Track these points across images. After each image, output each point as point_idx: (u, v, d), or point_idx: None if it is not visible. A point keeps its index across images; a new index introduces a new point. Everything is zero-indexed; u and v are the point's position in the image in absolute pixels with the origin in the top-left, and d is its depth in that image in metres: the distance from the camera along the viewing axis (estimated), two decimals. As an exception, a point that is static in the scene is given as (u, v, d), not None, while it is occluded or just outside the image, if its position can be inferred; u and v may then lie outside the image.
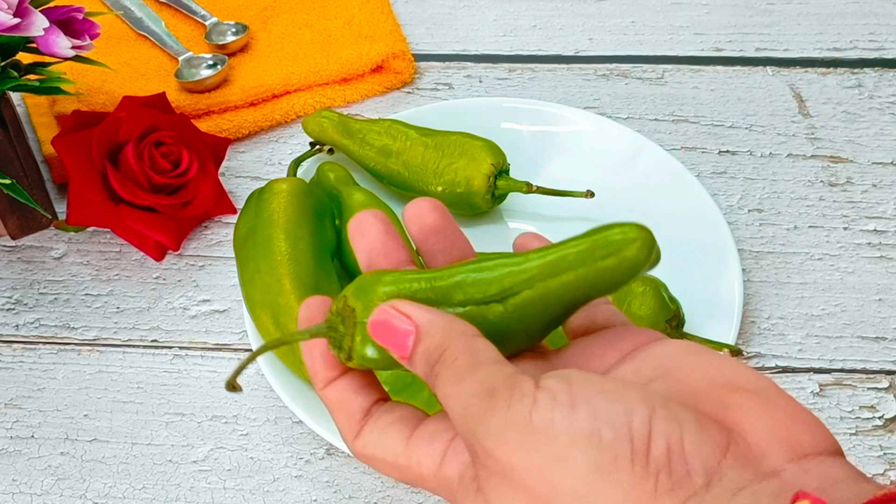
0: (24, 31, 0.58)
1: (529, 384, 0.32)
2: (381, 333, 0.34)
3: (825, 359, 0.63)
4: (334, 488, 0.58)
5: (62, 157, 0.67)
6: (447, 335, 0.33)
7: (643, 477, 0.30)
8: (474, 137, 0.67)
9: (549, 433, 0.30)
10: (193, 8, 0.84)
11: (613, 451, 0.30)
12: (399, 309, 0.34)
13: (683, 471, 0.30)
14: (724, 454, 0.31)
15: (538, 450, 0.30)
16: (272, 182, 0.63)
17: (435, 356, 0.33)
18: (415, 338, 0.34)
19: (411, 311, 0.34)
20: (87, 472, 0.59)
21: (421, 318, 0.34)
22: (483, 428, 0.31)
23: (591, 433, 0.30)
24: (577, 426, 0.30)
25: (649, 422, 0.30)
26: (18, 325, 0.66)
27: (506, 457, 0.31)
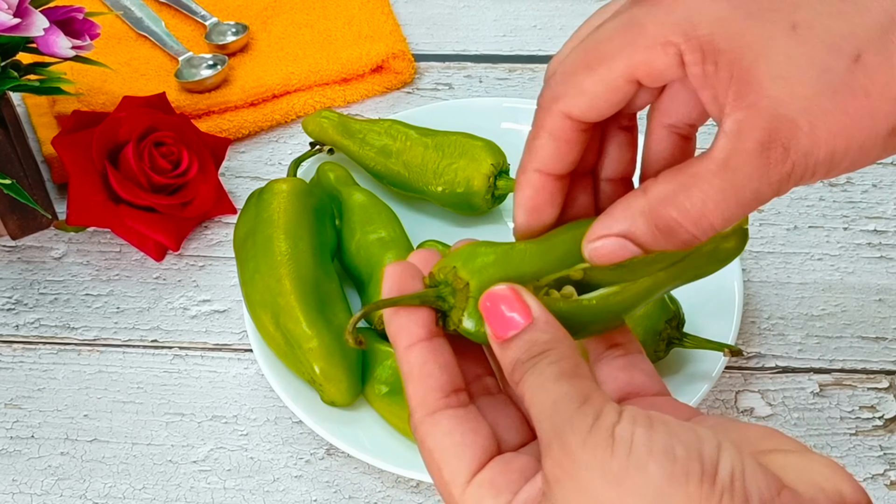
0: (24, 31, 0.58)
1: (617, 406, 0.34)
2: (490, 308, 0.36)
3: (825, 359, 0.63)
4: (334, 488, 0.58)
5: (62, 157, 0.67)
6: (558, 338, 0.35)
7: (709, 494, 0.31)
8: (474, 137, 0.67)
9: (627, 445, 0.32)
10: (193, 8, 0.84)
11: (685, 466, 0.31)
12: (520, 295, 0.36)
13: (742, 497, 0.32)
14: (780, 493, 0.32)
15: (616, 458, 0.32)
16: (272, 182, 0.63)
17: (538, 349, 0.35)
18: (524, 325, 0.35)
19: (531, 303, 0.36)
20: (87, 472, 0.59)
21: (539, 314, 0.36)
22: (570, 426, 0.33)
23: (667, 449, 0.32)
24: (655, 441, 0.32)
25: (718, 450, 0.32)
26: (18, 325, 0.66)
27: (585, 458, 0.32)
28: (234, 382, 0.63)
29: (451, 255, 0.38)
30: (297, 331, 0.57)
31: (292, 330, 0.57)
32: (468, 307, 0.37)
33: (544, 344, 0.35)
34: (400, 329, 0.37)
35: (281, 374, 0.59)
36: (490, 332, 0.36)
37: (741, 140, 0.35)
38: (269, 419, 0.61)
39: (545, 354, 0.35)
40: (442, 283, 0.37)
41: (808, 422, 0.60)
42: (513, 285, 0.36)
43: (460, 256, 0.37)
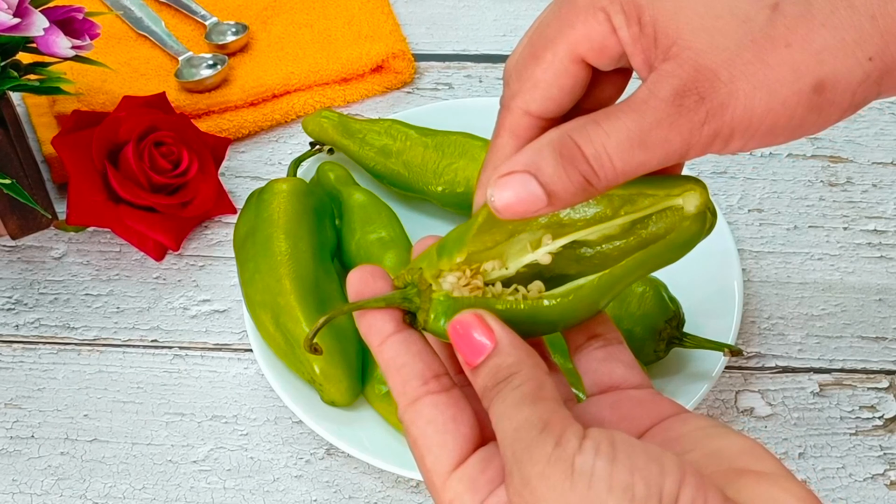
0: (24, 31, 0.58)
1: (579, 430, 0.33)
2: (459, 338, 0.36)
3: (825, 359, 0.63)
4: (334, 488, 0.58)
5: (62, 157, 0.67)
6: (521, 361, 0.35)
7: None
8: (474, 137, 0.67)
9: (587, 478, 0.31)
10: (193, 8, 0.84)
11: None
12: (485, 320, 0.36)
13: None
14: None
15: (575, 491, 0.31)
16: (272, 182, 0.63)
17: (503, 374, 0.35)
18: (490, 351, 0.35)
19: (495, 326, 0.36)
20: (87, 472, 0.59)
21: (502, 337, 0.35)
22: (528, 456, 0.32)
23: (627, 486, 0.31)
24: (615, 477, 0.31)
25: (679, 487, 0.32)
26: (18, 325, 0.66)
27: (543, 490, 0.32)
28: (234, 382, 0.63)
29: (419, 256, 0.38)
30: (297, 331, 0.57)
31: (292, 330, 0.57)
32: (432, 307, 0.37)
33: (508, 368, 0.35)
34: (369, 328, 0.37)
35: (281, 374, 0.59)
36: (461, 361, 0.36)
37: (657, 87, 0.34)
38: (269, 419, 0.61)
39: (508, 380, 0.34)
40: (409, 285, 0.37)
41: (808, 422, 0.60)
42: (477, 311, 0.36)
43: (426, 257, 0.38)
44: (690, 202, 0.37)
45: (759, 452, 0.35)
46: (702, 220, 0.37)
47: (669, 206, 0.37)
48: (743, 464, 0.35)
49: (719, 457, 0.35)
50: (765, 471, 0.34)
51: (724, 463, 0.35)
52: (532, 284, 0.38)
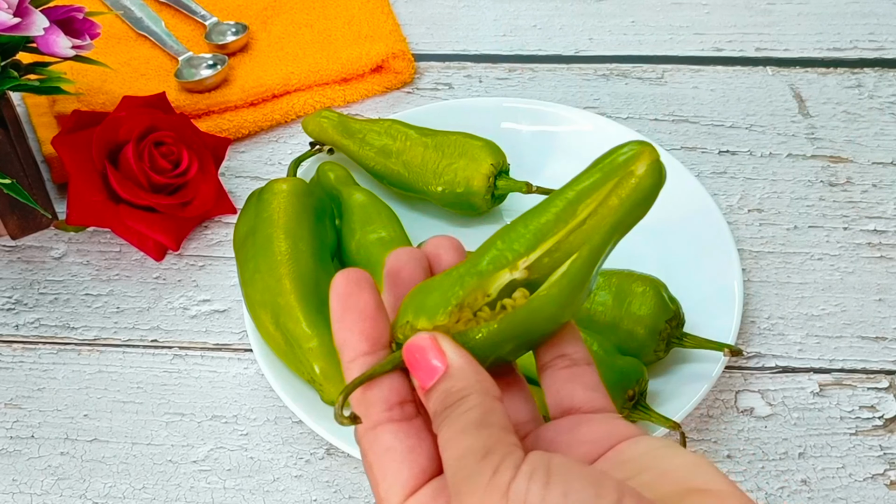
0: (24, 30, 0.58)
1: (518, 456, 0.33)
2: (413, 360, 0.36)
3: (825, 359, 0.63)
4: (334, 488, 0.58)
5: (62, 157, 0.67)
6: (471, 385, 0.35)
7: None
8: (474, 137, 0.67)
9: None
10: (193, 8, 0.84)
11: None
12: (438, 343, 0.36)
13: None
14: None
15: None
16: (272, 182, 0.63)
17: (452, 399, 0.35)
18: (440, 375, 0.35)
19: (448, 350, 0.36)
20: (87, 472, 0.59)
21: (454, 360, 0.35)
22: (467, 486, 0.33)
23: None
24: (548, 501, 0.31)
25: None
26: (18, 325, 0.66)
27: None
28: (234, 382, 0.63)
29: (402, 310, 0.37)
30: (297, 331, 0.57)
31: (292, 330, 0.57)
32: None
33: (457, 393, 0.35)
34: (343, 343, 0.37)
35: (281, 374, 0.59)
36: (416, 385, 0.36)
37: None
38: (269, 419, 0.61)
39: (456, 405, 0.35)
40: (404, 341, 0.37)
41: (808, 422, 0.60)
42: (433, 333, 0.36)
43: (410, 308, 0.37)
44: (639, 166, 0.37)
45: (707, 469, 0.35)
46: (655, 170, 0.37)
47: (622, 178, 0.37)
48: (691, 483, 0.35)
49: (669, 476, 0.35)
50: (712, 489, 0.34)
51: (674, 483, 0.35)
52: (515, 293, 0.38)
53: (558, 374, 0.40)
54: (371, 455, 0.36)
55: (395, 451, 0.36)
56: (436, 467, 0.36)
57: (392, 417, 0.36)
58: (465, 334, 0.37)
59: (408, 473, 0.36)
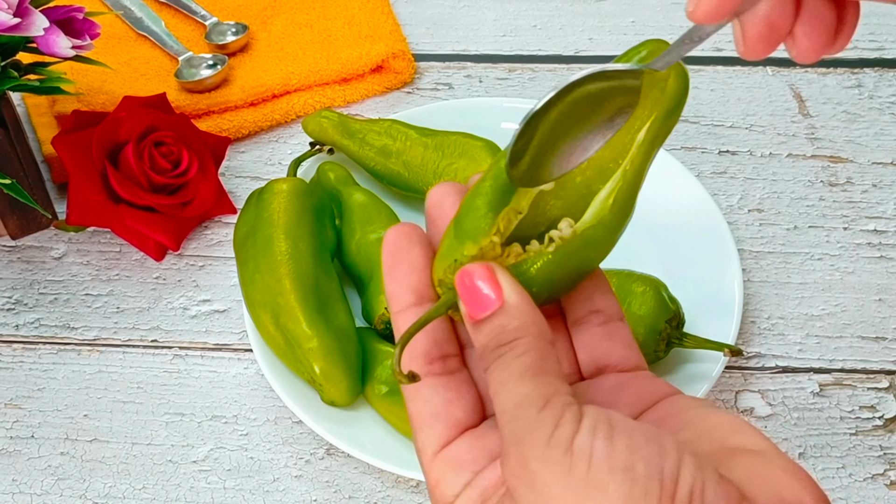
0: (24, 30, 0.58)
1: (577, 410, 0.33)
2: (465, 287, 0.35)
3: (825, 359, 0.63)
4: (334, 488, 0.58)
5: (62, 157, 0.67)
6: (528, 325, 0.34)
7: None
8: (474, 137, 0.67)
9: (587, 460, 0.31)
10: (193, 8, 0.84)
11: (645, 486, 0.31)
12: (494, 274, 0.35)
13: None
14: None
15: (575, 474, 0.31)
16: (272, 182, 0.63)
17: (506, 338, 0.34)
18: (494, 309, 0.34)
19: (504, 283, 0.35)
20: (87, 472, 0.59)
21: (510, 296, 0.35)
22: (528, 437, 0.32)
23: (627, 466, 0.31)
24: (615, 458, 0.31)
25: (678, 465, 0.32)
26: (18, 325, 0.66)
27: (542, 473, 0.32)
28: (234, 382, 0.63)
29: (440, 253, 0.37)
30: (297, 331, 0.57)
31: (292, 330, 0.57)
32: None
33: (513, 332, 0.34)
34: (392, 295, 0.37)
35: (281, 374, 0.59)
36: (464, 312, 0.35)
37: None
38: (269, 419, 0.61)
39: (511, 345, 0.34)
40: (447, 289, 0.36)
41: (808, 422, 0.60)
42: (489, 263, 0.35)
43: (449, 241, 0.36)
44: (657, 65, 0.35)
45: (749, 430, 0.35)
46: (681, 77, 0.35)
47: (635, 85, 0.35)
48: (734, 442, 0.35)
49: (711, 435, 0.35)
50: (756, 448, 0.34)
51: (715, 441, 0.35)
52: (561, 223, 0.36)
53: (593, 332, 0.39)
54: (411, 406, 0.37)
55: (433, 403, 0.36)
56: (471, 420, 0.36)
57: (432, 371, 0.36)
58: (518, 267, 0.36)
59: (442, 426, 0.36)
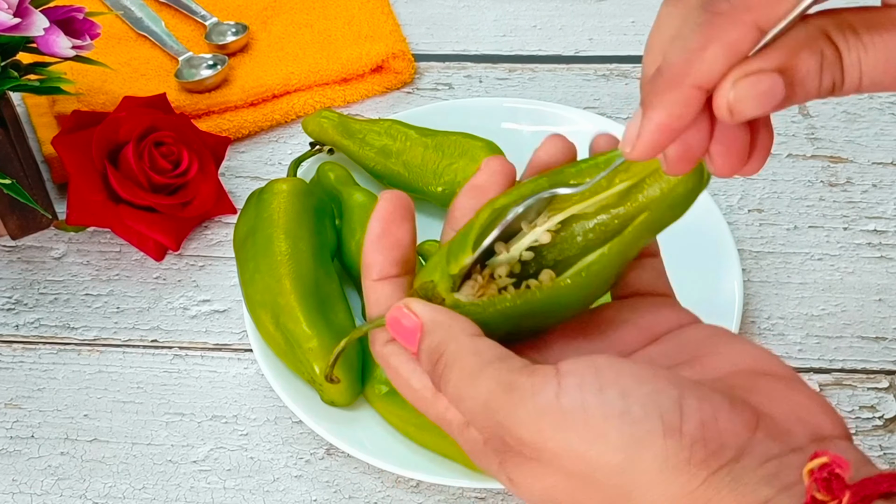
0: (24, 31, 0.58)
1: (550, 371, 0.33)
2: (395, 329, 0.36)
3: (825, 359, 0.63)
4: (334, 488, 0.58)
5: (62, 157, 0.67)
6: (447, 333, 0.35)
7: (677, 448, 0.31)
8: (474, 138, 0.67)
9: (581, 414, 0.31)
10: (193, 8, 0.84)
11: (645, 426, 0.31)
12: (409, 307, 0.36)
13: (717, 444, 0.31)
14: (754, 431, 0.32)
15: (573, 431, 0.31)
16: (272, 182, 0.63)
17: (435, 356, 0.35)
18: (420, 335, 0.35)
19: (418, 308, 0.36)
20: (87, 472, 0.59)
21: (425, 315, 0.36)
22: (512, 419, 0.32)
23: (623, 411, 0.31)
24: (608, 406, 0.31)
25: (679, 401, 0.32)
26: (18, 325, 0.66)
27: (542, 442, 0.32)
28: (234, 382, 0.63)
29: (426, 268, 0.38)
30: (297, 331, 0.57)
31: (292, 330, 0.57)
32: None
33: (438, 346, 0.35)
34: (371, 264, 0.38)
35: (281, 374, 0.59)
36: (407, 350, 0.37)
37: None
38: (269, 419, 0.61)
39: (443, 361, 0.35)
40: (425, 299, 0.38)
41: (808, 422, 0.60)
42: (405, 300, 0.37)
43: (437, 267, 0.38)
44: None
45: (773, 359, 0.36)
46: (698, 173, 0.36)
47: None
48: (757, 366, 0.35)
49: (735, 358, 0.35)
50: (780, 374, 0.35)
51: (739, 364, 0.35)
52: (542, 274, 0.38)
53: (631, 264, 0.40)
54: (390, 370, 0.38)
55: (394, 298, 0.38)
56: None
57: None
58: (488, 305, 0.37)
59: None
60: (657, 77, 0.32)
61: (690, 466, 0.31)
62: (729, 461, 0.31)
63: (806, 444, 0.33)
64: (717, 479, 0.31)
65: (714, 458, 0.31)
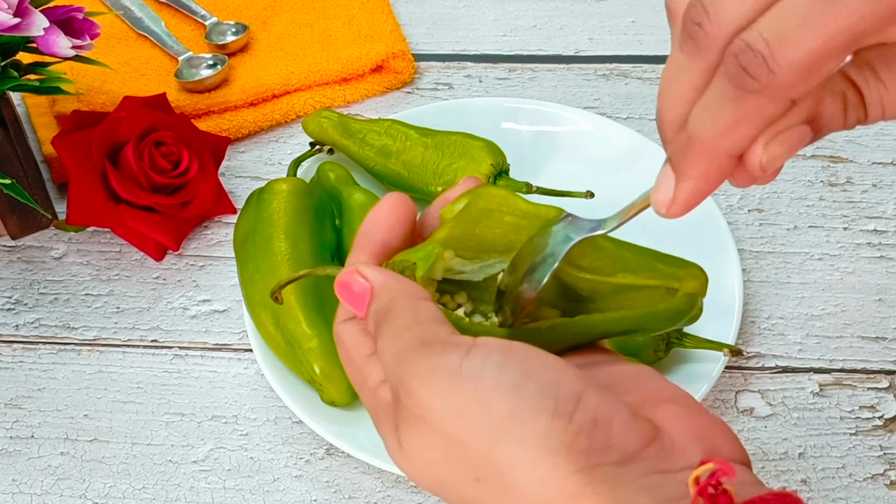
0: (24, 30, 0.58)
1: (467, 341, 0.33)
2: (344, 295, 0.37)
3: (825, 359, 0.63)
4: (334, 488, 0.58)
5: (62, 157, 0.67)
6: (395, 296, 0.36)
7: (560, 431, 0.31)
8: (474, 137, 0.67)
9: (475, 380, 0.32)
10: (193, 8, 0.84)
11: (535, 403, 0.31)
12: (360, 271, 0.37)
13: (604, 443, 0.31)
14: (649, 444, 0.32)
15: (460, 392, 0.32)
16: (272, 182, 0.63)
17: (382, 314, 0.36)
18: (369, 298, 0.36)
19: (369, 273, 0.37)
20: (87, 472, 0.59)
21: (376, 279, 0.37)
22: (411, 371, 0.33)
23: (516, 385, 0.31)
24: (504, 378, 0.32)
25: (579, 394, 0.32)
26: (18, 325, 0.66)
27: (428, 397, 0.32)
28: (234, 382, 0.63)
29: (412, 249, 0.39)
30: (297, 331, 0.57)
31: (292, 330, 0.57)
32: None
33: (385, 308, 0.36)
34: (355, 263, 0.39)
35: (281, 374, 0.59)
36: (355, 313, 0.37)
37: None
38: (269, 419, 0.61)
39: (386, 318, 0.35)
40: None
41: (808, 422, 0.60)
42: (354, 267, 0.37)
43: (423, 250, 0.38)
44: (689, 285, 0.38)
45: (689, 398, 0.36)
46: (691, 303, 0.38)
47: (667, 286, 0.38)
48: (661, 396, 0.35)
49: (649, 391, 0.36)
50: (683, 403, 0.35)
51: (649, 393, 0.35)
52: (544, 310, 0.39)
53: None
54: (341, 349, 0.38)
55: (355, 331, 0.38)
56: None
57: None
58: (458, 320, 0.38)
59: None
60: (689, 146, 0.31)
61: (570, 452, 0.31)
62: (611, 463, 0.31)
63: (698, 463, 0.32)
64: (594, 475, 0.31)
65: (596, 454, 0.31)
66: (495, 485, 0.32)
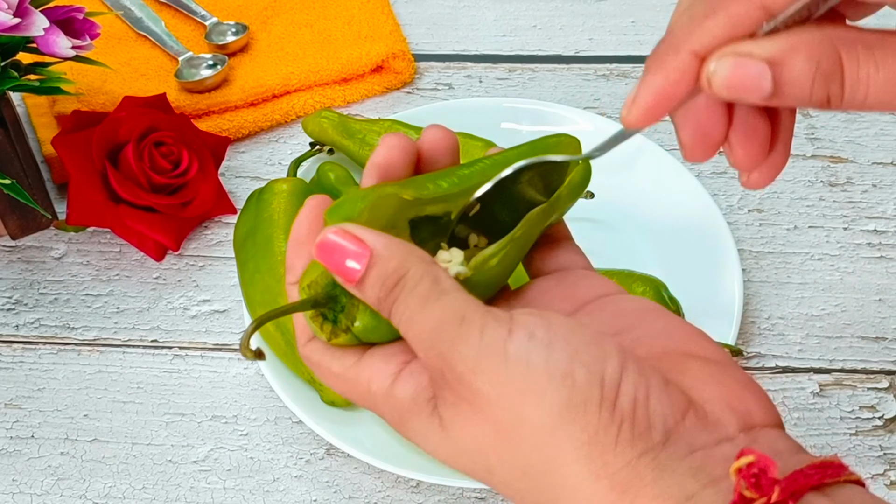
0: (24, 31, 0.58)
1: (504, 316, 0.32)
2: (329, 256, 0.34)
3: (825, 359, 0.63)
4: (334, 488, 0.58)
5: (62, 157, 0.67)
6: (406, 260, 0.33)
7: (608, 423, 0.31)
8: (474, 137, 0.67)
9: (524, 366, 0.31)
10: (193, 8, 0.84)
11: (584, 393, 0.31)
12: (351, 232, 0.34)
13: (645, 424, 0.31)
14: (684, 416, 0.32)
15: (512, 381, 0.31)
16: (272, 182, 0.63)
17: (393, 280, 0.33)
18: (368, 261, 0.33)
19: (365, 235, 0.33)
20: (87, 472, 0.59)
21: (376, 242, 0.33)
22: (455, 353, 0.32)
23: (566, 373, 0.31)
24: (553, 364, 0.31)
25: (621, 372, 0.31)
26: (18, 325, 0.66)
27: (479, 384, 0.31)
28: (234, 382, 0.63)
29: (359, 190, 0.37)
30: (297, 331, 0.57)
31: (292, 330, 0.57)
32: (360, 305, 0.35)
33: (394, 273, 0.33)
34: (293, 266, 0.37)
35: (281, 374, 0.59)
36: (342, 281, 0.34)
37: None
38: (269, 419, 0.61)
39: (401, 285, 0.33)
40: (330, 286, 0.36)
41: (808, 422, 0.60)
42: (341, 226, 0.34)
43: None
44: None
45: (704, 339, 0.35)
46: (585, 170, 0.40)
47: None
48: (689, 348, 0.34)
49: (665, 336, 0.35)
50: (712, 357, 0.34)
51: (669, 343, 0.35)
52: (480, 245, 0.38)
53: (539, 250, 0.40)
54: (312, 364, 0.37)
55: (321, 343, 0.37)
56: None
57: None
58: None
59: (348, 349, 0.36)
60: (659, 44, 0.32)
61: (617, 444, 0.30)
62: (655, 445, 0.31)
63: (735, 433, 0.32)
64: (641, 464, 0.30)
65: (641, 440, 0.31)
66: (543, 482, 0.31)
